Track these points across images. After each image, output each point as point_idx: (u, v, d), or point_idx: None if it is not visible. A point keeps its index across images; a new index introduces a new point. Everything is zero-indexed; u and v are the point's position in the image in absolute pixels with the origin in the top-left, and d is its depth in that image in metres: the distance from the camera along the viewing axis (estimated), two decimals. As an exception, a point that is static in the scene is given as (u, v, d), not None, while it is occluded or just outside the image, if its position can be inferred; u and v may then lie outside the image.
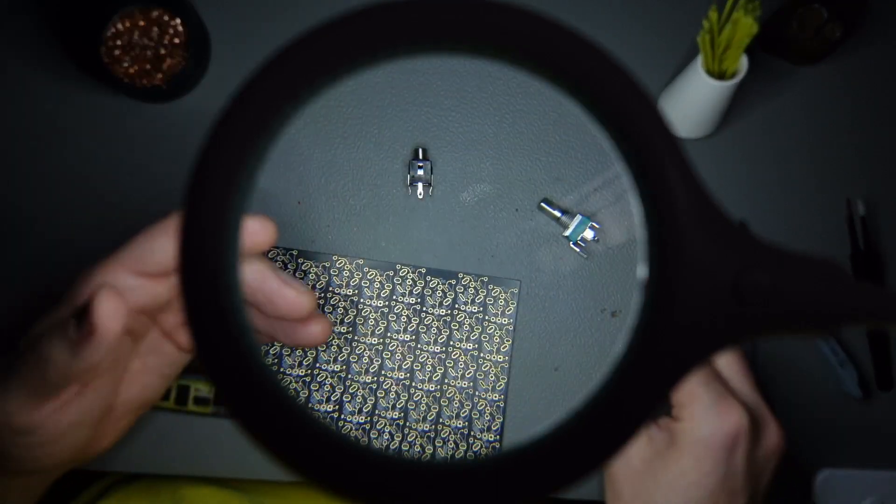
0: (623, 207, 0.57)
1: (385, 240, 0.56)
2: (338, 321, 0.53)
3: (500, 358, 0.54)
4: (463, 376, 0.54)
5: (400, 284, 0.54)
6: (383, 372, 0.53)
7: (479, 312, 0.54)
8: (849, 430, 0.58)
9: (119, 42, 0.53)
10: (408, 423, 0.53)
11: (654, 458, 0.44)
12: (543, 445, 0.20)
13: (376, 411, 0.53)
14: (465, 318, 0.54)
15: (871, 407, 0.58)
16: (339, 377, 0.53)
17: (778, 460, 0.46)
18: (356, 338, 0.54)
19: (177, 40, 0.53)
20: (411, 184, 0.56)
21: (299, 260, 0.55)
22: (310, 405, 0.52)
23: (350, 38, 0.21)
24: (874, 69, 0.60)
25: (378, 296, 0.54)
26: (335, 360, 0.53)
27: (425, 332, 0.54)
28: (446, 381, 0.53)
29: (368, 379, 0.53)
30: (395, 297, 0.54)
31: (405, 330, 0.54)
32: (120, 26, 0.52)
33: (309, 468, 0.19)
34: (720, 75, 0.53)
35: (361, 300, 0.54)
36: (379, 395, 0.53)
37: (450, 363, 0.53)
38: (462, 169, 0.57)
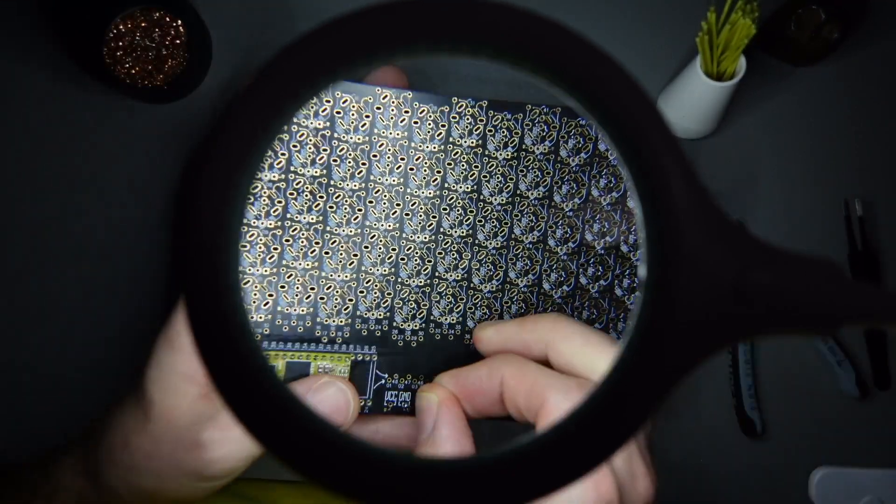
0: (622, 207, 0.57)
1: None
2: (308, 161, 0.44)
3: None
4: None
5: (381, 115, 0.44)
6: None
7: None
8: (846, 428, 0.58)
9: (121, 43, 0.53)
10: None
11: None
12: (543, 445, 0.20)
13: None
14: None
15: (869, 406, 0.58)
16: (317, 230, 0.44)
17: None
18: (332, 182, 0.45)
19: (178, 41, 0.54)
20: None
21: None
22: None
23: (350, 39, 0.21)
24: (873, 69, 0.60)
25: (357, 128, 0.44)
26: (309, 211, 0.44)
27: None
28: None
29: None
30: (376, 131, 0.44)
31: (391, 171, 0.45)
32: (121, 27, 0.53)
33: (309, 467, 0.19)
34: (719, 76, 0.53)
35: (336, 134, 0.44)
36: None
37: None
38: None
